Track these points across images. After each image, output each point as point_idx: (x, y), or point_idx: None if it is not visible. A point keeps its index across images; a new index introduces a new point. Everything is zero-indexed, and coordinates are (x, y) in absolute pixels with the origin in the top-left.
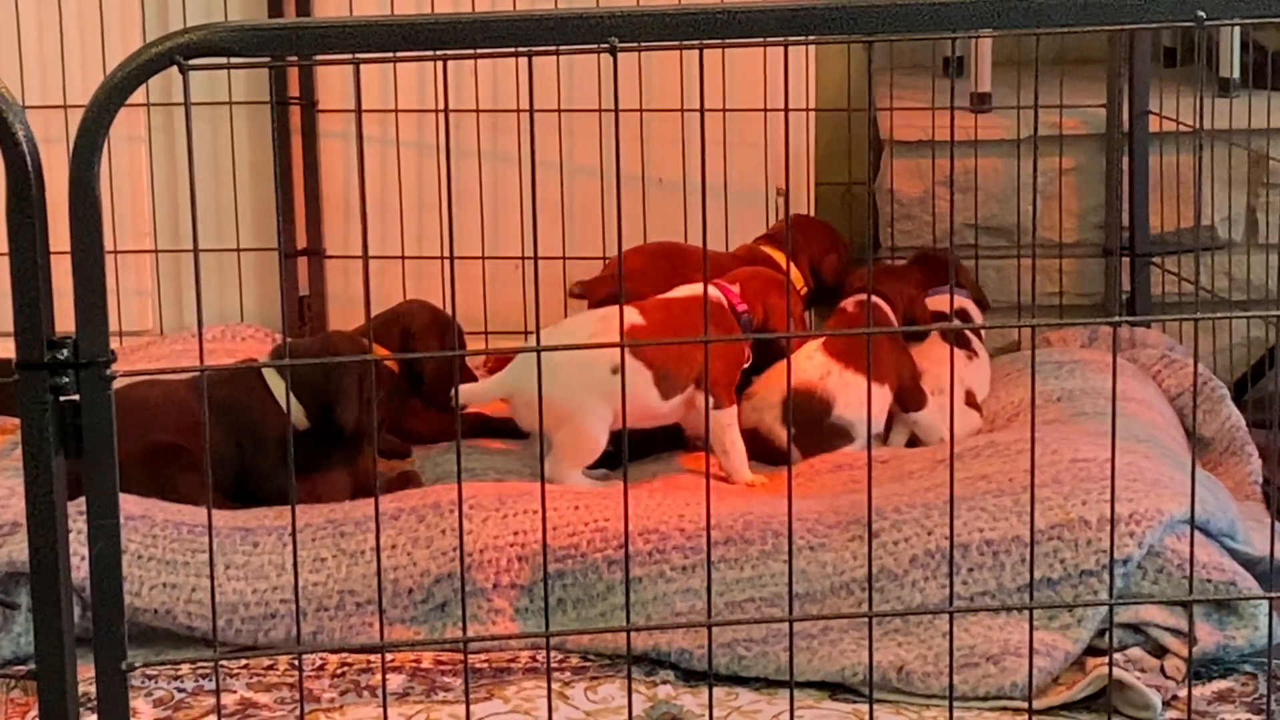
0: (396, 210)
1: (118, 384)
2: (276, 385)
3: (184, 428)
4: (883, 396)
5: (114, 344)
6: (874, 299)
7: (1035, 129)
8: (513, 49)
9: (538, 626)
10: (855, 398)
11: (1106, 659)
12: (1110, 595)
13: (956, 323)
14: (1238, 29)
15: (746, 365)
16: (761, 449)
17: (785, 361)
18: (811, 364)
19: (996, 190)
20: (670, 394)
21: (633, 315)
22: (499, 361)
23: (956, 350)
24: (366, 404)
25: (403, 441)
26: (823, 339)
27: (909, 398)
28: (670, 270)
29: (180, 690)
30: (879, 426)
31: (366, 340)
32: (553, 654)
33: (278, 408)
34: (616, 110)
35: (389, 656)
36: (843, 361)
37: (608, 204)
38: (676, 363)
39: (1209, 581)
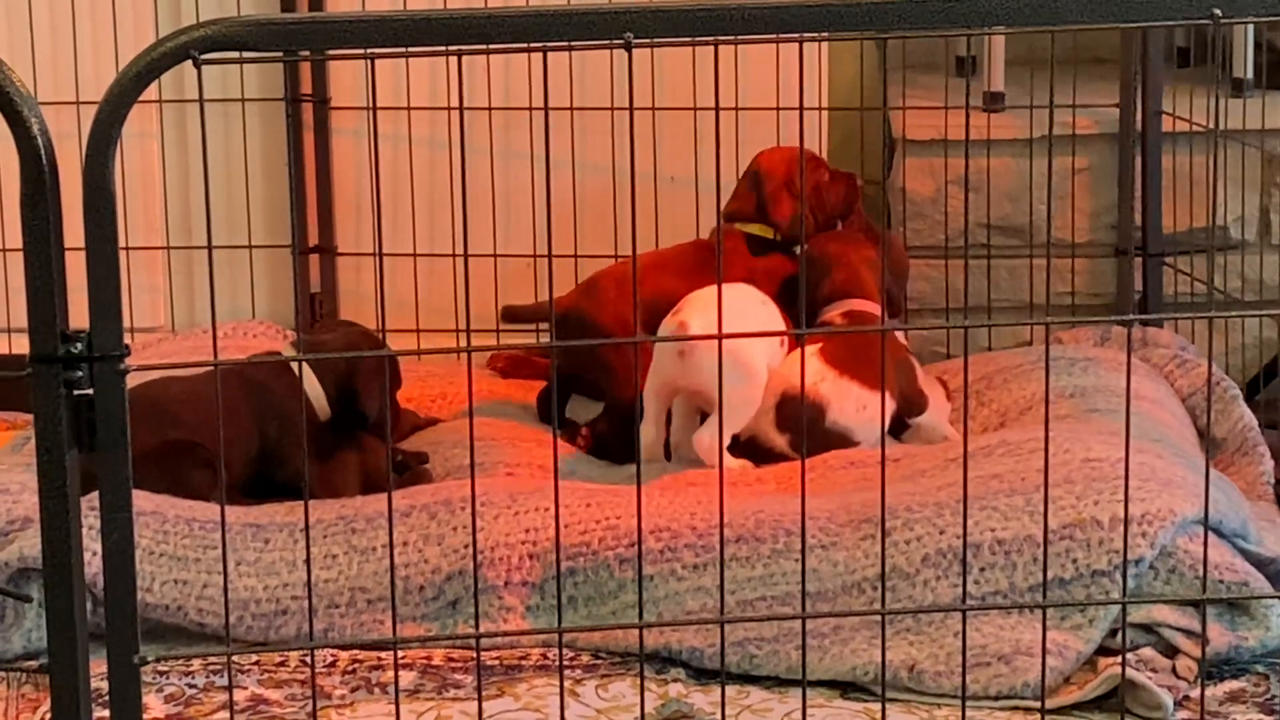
0: (408, 207)
1: (136, 381)
2: (303, 372)
3: (204, 420)
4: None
5: (126, 339)
6: (863, 306)
7: (1050, 128)
8: (527, 44)
9: (549, 624)
10: (851, 404)
11: (1118, 659)
12: (1123, 595)
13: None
14: (1251, 29)
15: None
16: (759, 454)
17: (779, 367)
18: (806, 369)
19: (1009, 190)
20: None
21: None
22: (507, 360)
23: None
24: (385, 395)
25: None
26: (819, 345)
27: (910, 403)
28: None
29: (191, 686)
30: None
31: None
32: (564, 652)
33: (305, 394)
34: (631, 106)
35: (400, 653)
36: (838, 368)
37: (620, 202)
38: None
39: (1221, 582)
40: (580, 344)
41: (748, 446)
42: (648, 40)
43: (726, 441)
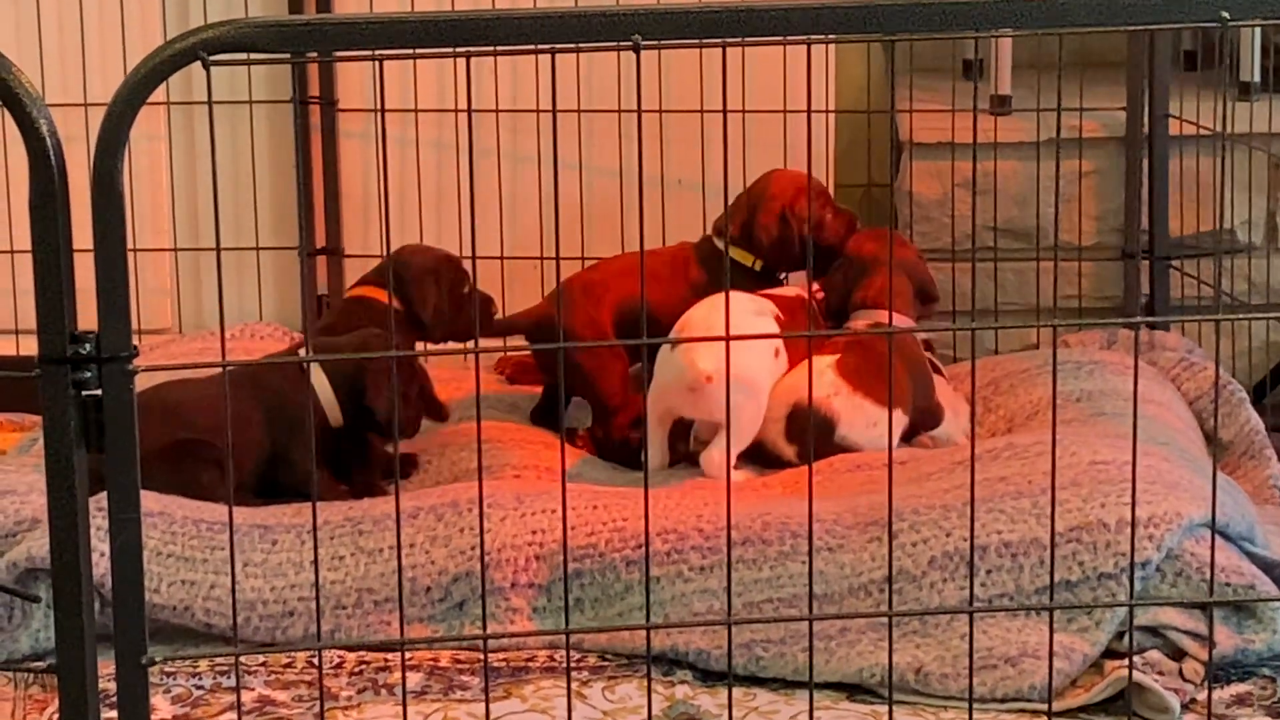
0: (415, 209)
1: (149, 383)
2: (318, 378)
3: (217, 423)
4: (898, 421)
5: (134, 341)
6: (886, 318)
7: (1057, 132)
8: (535, 46)
9: (555, 626)
10: (861, 421)
11: (1125, 661)
12: (1130, 597)
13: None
14: (1258, 32)
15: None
16: (766, 462)
17: (793, 375)
18: (820, 381)
19: (1016, 193)
20: (778, 376)
21: (772, 306)
22: (514, 366)
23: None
24: (400, 397)
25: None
26: (836, 357)
27: (926, 417)
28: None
29: (198, 687)
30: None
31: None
32: (570, 653)
33: (316, 398)
34: (639, 109)
35: (407, 655)
36: (852, 383)
37: (627, 205)
38: (791, 349)
39: (1228, 585)
40: (588, 345)
41: (755, 454)
42: (655, 42)
43: (733, 460)
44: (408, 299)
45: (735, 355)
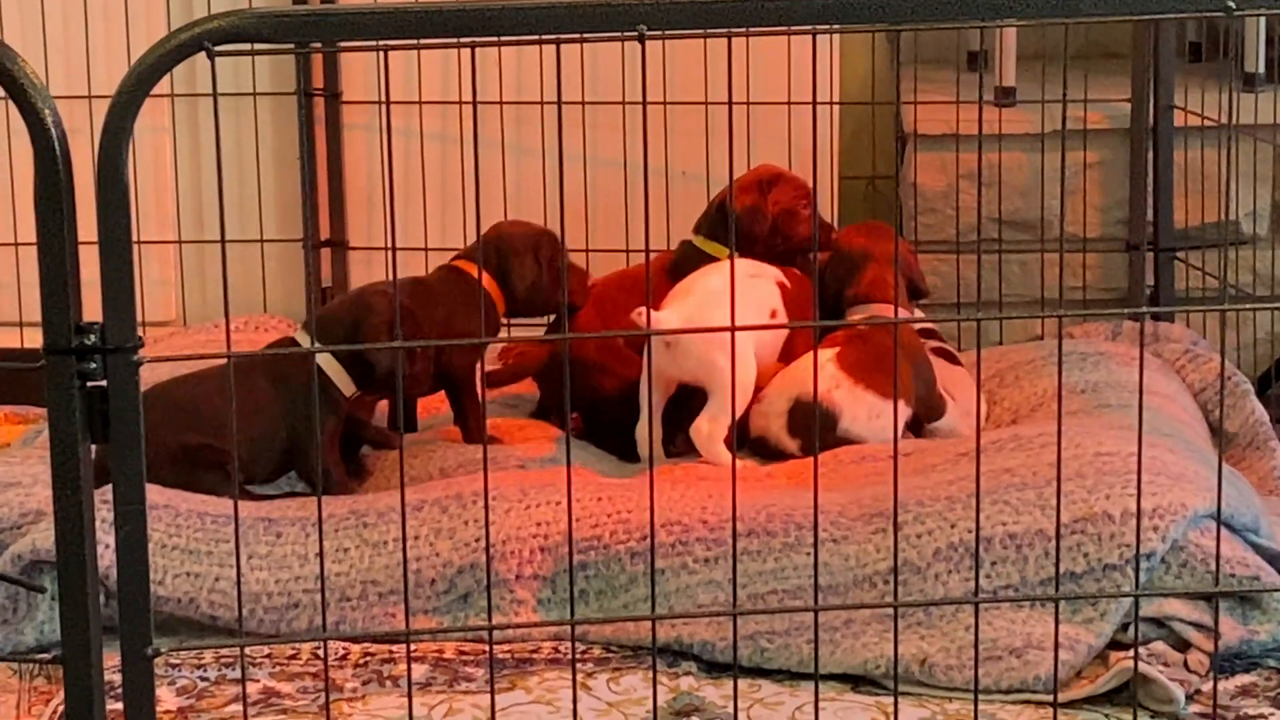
0: (420, 201)
1: (156, 377)
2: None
3: (224, 420)
4: (901, 412)
5: (139, 333)
6: (889, 312)
7: (1062, 123)
8: (539, 36)
9: (560, 617)
10: (864, 413)
11: (1130, 652)
12: (1135, 588)
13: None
14: (1263, 22)
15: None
16: (769, 456)
17: (795, 368)
18: (821, 375)
19: (1020, 184)
20: (777, 357)
21: (780, 275)
22: (518, 356)
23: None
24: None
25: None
26: (836, 350)
27: (929, 409)
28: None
29: (204, 679)
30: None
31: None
32: (575, 645)
33: (325, 378)
34: (644, 100)
35: (412, 646)
36: (854, 376)
37: (631, 196)
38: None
39: (1233, 576)
40: (591, 336)
41: (758, 446)
42: (660, 33)
43: (724, 432)
44: (506, 273)
45: (708, 313)
